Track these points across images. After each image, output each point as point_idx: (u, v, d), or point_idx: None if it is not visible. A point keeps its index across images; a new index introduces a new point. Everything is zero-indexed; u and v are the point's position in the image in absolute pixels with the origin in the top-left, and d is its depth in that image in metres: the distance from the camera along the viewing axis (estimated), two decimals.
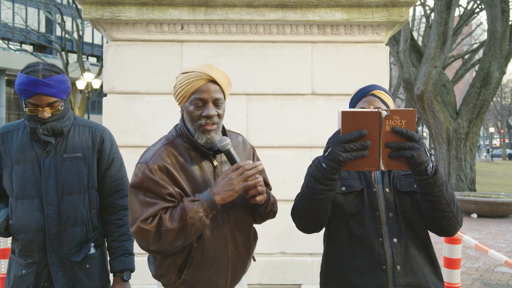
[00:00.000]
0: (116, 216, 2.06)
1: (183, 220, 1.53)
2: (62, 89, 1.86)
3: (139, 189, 1.60)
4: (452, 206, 1.57)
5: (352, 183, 1.70)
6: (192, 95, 1.63)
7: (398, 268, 1.60)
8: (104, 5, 3.36)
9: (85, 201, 1.97)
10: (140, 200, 1.58)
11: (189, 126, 1.67)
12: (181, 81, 1.65)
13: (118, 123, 3.48)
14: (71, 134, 1.97)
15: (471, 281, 5.11)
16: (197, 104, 1.63)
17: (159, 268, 1.71)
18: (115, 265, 2.04)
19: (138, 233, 1.57)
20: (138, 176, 1.61)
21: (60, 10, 21.50)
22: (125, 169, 2.16)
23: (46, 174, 1.89)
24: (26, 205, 1.89)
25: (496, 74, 11.53)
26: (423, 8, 19.91)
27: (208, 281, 1.68)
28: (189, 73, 1.64)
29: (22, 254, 1.92)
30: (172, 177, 1.61)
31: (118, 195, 2.08)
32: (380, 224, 1.64)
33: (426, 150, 1.48)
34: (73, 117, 2.02)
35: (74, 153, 1.95)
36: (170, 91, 3.53)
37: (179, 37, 3.51)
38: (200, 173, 1.67)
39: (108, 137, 2.08)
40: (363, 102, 1.77)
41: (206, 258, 1.66)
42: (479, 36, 33.33)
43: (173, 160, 1.64)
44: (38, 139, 1.90)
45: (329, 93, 3.52)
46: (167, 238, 1.55)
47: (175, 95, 1.70)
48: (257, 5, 3.38)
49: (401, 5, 3.40)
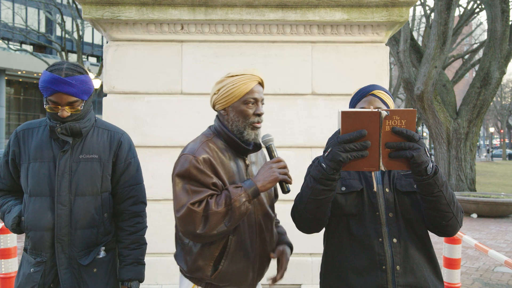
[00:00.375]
0: (128, 223, 2.03)
1: (227, 204, 1.64)
2: (84, 90, 1.86)
3: (185, 178, 1.70)
4: (452, 206, 1.57)
5: (352, 183, 1.70)
6: (246, 95, 1.78)
7: (398, 268, 1.60)
8: (104, 5, 3.36)
9: (98, 204, 1.95)
10: (185, 189, 1.68)
11: (237, 124, 1.80)
12: (234, 82, 1.78)
13: (118, 123, 3.45)
14: (90, 136, 1.96)
15: (471, 281, 5.12)
16: (250, 103, 1.78)
17: (195, 262, 1.76)
18: (123, 273, 2.00)
19: (187, 215, 1.64)
20: (184, 166, 1.71)
21: (60, 10, 21.49)
22: (141, 175, 2.12)
23: (61, 173, 1.88)
24: (38, 202, 1.88)
25: (496, 74, 11.53)
26: (423, 8, 19.91)
27: (240, 272, 1.78)
28: (241, 75, 1.79)
29: (32, 252, 1.92)
30: (214, 170, 1.73)
31: (131, 201, 2.04)
32: (380, 224, 1.63)
33: (426, 150, 1.48)
34: (94, 119, 2.01)
35: (90, 154, 1.94)
36: (170, 91, 3.53)
37: (179, 37, 3.51)
38: (236, 169, 1.82)
39: (126, 141, 2.05)
40: (363, 102, 1.77)
41: (240, 250, 1.77)
42: (479, 36, 33.33)
43: (215, 154, 1.77)
44: (57, 138, 1.90)
45: (329, 93, 3.52)
46: (213, 221, 1.63)
47: (221, 96, 1.80)
48: (257, 5, 3.38)
49: (401, 5, 3.40)
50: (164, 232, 3.50)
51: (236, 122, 1.80)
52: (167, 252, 3.52)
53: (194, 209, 1.63)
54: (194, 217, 1.64)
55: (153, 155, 3.51)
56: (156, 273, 3.49)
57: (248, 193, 1.67)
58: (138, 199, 2.06)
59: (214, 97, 1.84)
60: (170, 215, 3.52)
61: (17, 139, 1.95)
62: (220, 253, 1.76)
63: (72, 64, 1.88)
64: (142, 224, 2.08)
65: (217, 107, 1.85)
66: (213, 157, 1.74)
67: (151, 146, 3.51)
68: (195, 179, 1.68)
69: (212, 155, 1.75)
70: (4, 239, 3.52)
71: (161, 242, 3.49)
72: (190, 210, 1.63)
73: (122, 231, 2.03)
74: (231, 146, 1.82)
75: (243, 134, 1.80)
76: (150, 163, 3.49)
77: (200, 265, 1.76)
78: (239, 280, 1.80)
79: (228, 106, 1.81)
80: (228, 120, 1.82)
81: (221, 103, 1.82)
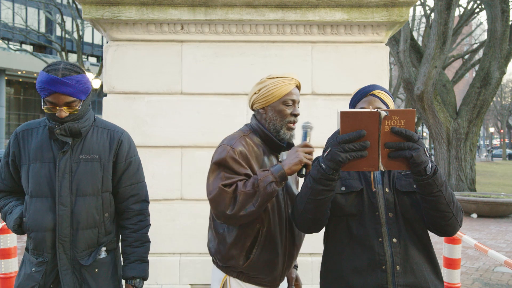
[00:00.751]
0: (131, 221, 2.03)
1: (255, 186, 1.74)
2: (81, 89, 1.85)
3: (221, 165, 1.82)
4: (451, 206, 1.57)
5: (352, 183, 1.70)
6: (285, 96, 1.91)
7: (398, 268, 1.60)
8: (104, 5, 3.36)
9: (98, 204, 1.95)
10: (219, 175, 1.80)
11: (275, 123, 1.92)
12: (275, 83, 1.92)
13: (118, 123, 3.43)
14: (89, 136, 1.96)
15: (471, 281, 5.12)
16: (288, 104, 1.92)
17: (229, 251, 1.87)
18: (127, 271, 2.00)
19: (217, 195, 1.76)
20: (222, 154, 1.83)
21: (60, 10, 21.49)
22: (142, 173, 2.12)
23: (61, 174, 1.88)
24: (39, 203, 1.88)
25: (496, 74, 11.53)
26: (423, 8, 19.90)
27: (270, 262, 1.89)
28: (281, 77, 1.93)
29: (34, 252, 1.91)
30: (248, 162, 1.85)
31: (133, 200, 2.04)
32: (379, 224, 1.63)
33: (425, 150, 1.48)
34: (93, 118, 2.00)
35: (90, 154, 1.93)
36: (170, 91, 3.53)
37: (179, 37, 3.52)
38: (269, 164, 1.94)
39: (126, 140, 2.05)
40: (363, 102, 1.77)
41: (270, 240, 1.88)
42: (479, 36, 33.32)
43: (250, 148, 1.90)
44: (57, 138, 1.89)
45: (329, 93, 3.52)
46: (241, 201, 1.73)
47: (262, 96, 1.93)
48: (257, 5, 3.38)
49: (401, 5, 3.41)
50: (164, 232, 3.51)
51: (274, 121, 1.93)
52: (167, 252, 3.52)
53: (225, 189, 1.75)
54: (225, 196, 1.75)
55: (153, 155, 3.51)
56: (156, 273, 3.49)
57: (275, 175, 1.75)
58: (140, 197, 2.07)
59: (254, 96, 1.96)
60: (170, 215, 3.54)
61: (17, 140, 1.94)
62: (251, 243, 1.86)
63: (69, 64, 1.87)
64: (145, 222, 2.08)
65: (255, 106, 1.98)
66: (248, 151, 1.87)
67: (151, 146, 3.51)
68: (230, 167, 1.80)
69: (247, 149, 1.87)
70: (4, 239, 3.52)
71: (161, 242, 3.49)
72: (220, 190, 1.75)
73: (125, 229, 2.03)
74: (266, 143, 1.95)
75: (279, 132, 1.93)
76: (150, 163, 3.49)
77: (233, 254, 1.87)
78: (268, 269, 1.89)
79: (267, 105, 1.94)
80: (266, 119, 1.95)
81: (260, 102, 1.95)
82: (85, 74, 1.89)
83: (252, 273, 1.88)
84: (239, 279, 1.89)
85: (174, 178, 3.52)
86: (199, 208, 3.52)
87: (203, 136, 3.52)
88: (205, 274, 3.52)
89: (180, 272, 3.52)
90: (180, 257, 3.53)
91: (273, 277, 1.91)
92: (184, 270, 3.52)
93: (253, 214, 1.76)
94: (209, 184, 1.83)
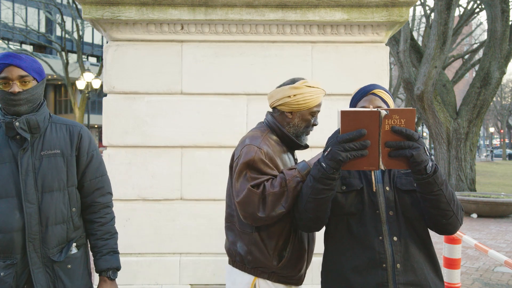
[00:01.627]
0: (98, 215, 2.03)
1: (283, 186, 1.75)
2: (35, 68, 1.86)
3: (248, 166, 1.82)
4: (452, 204, 1.57)
5: (352, 182, 1.70)
6: (315, 107, 1.98)
7: (398, 267, 1.60)
8: (104, 5, 3.36)
9: (65, 199, 1.94)
10: (246, 176, 1.82)
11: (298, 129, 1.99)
12: (311, 93, 1.94)
13: (118, 123, 3.49)
14: (48, 132, 1.94)
15: (471, 281, 5.12)
16: (314, 114, 1.99)
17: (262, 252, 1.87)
18: (101, 264, 2.00)
19: (246, 197, 1.76)
20: (250, 155, 1.84)
21: (60, 10, 21.50)
22: (104, 166, 2.12)
23: (24, 172, 1.85)
24: (5, 204, 1.84)
25: (496, 74, 11.53)
26: (423, 8, 19.91)
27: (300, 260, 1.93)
28: (317, 89, 1.96)
29: (1, 255, 1.86)
30: (274, 163, 1.87)
31: (99, 193, 2.05)
32: (380, 222, 1.64)
33: (425, 149, 1.48)
34: (48, 114, 1.99)
35: (52, 150, 1.91)
36: (170, 91, 3.53)
37: (179, 37, 3.52)
38: (289, 162, 1.99)
39: (86, 134, 2.04)
40: (363, 101, 1.77)
41: (299, 238, 1.93)
42: (479, 36, 33.33)
43: (274, 148, 1.92)
44: (14, 136, 1.87)
45: (329, 93, 3.52)
46: (270, 202, 1.74)
47: (297, 101, 1.94)
48: (257, 5, 3.38)
49: (401, 5, 3.41)
50: (164, 232, 3.51)
51: (298, 127, 1.98)
52: (167, 252, 3.52)
53: (254, 190, 1.76)
54: (254, 198, 1.75)
55: (153, 155, 3.51)
56: (156, 273, 3.49)
57: (302, 173, 1.77)
58: (105, 190, 2.07)
59: (287, 100, 1.94)
60: (170, 215, 3.54)
61: None
62: (284, 242, 1.88)
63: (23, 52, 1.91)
64: (111, 214, 2.09)
65: (282, 108, 1.97)
66: (272, 151, 1.90)
67: (151, 146, 3.51)
68: (257, 168, 1.82)
69: (272, 149, 1.90)
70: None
71: (161, 242, 3.49)
72: (249, 191, 1.76)
73: (92, 223, 2.03)
74: (283, 142, 2.00)
75: (300, 138, 2.01)
76: (150, 163, 3.49)
77: (266, 255, 1.87)
78: (298, 267, 1.94)
79: (297, 111, 1.97)
80: (289, 123, 1.98)
81: (291, 107, 1.96)
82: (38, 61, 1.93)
83: (284, 272, 1.89)
84: (271, 280, 1.89)
85: (174, 178, 3.52)
86: (199, 208, 3.52)
87: (203, 136, 3.52)
88: (205, 274, 3.52)
89: (180, 272, 3.52)
90: (180, 257, 3.53)
91: (300, 274, 1.96)
92: (184, 270, 3.52)
93: (283, 214, 1.78)
94: (236, 186, 1.83)
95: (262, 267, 1.88)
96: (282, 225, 1.85)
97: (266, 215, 1.75)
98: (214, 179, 3.50)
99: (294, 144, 2.00)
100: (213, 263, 3.52)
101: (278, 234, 1.86)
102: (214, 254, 3.50)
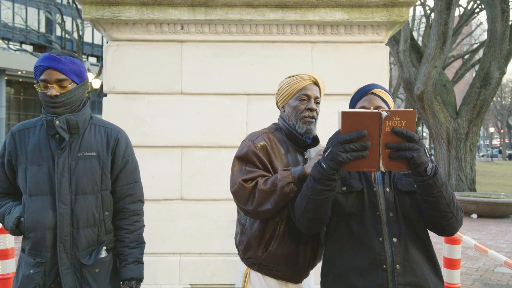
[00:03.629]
0: (128, 221, 2.01)
1: (274, 185, 1.79)
2: (73, 70, 1.85)
3: (242, 160, 1.90)
4: (452, 206, 1.57)
5: (353, 183, 1.70)
6: (299, 92, 1.98)
7: (398, 268, 1.60)
8: (104, 5, 3.36)
9: (98, 202, 1.93)
10: (241, 169, 1.89)
11: (291, 119, 1.99)
12: (289, 82, 2.01)
13: (118, 123, 3.44)
14: (87, 133, 1.94)
15: (471, 281, 5.11)
16: (302, 99, 1.97)
17: (249, 242, 1.93)
18: (125, 272, 1.98)
19: (238, 189, 1.85)
20: (243, 149, 1.92)
21: (60, 10, 21.48)
22: (139, 173, 2.11)
23: (60, 172, 1.86)
24: (39, 202, 1.86)
25: (496, 74, 11.53)
26: (423, 8, 19.91)
27: (289, 256, 1.92)
28: (297, 75, 2.01)
29: (31, 252, 1.89)
30: (269, 157, 1.92)
31: (129, 199, 2.03)
32: (380, 224, 1.63)
33: (426, 150, 1.48)
34: (89, 115, 1.99)
35: (89, 152, 1.91)
36: (170, 91, 3.53)
37: (179, 37, 3.51)
38: (293, 161, 1.97)
39: (123, 138, 2.03)
40: (363, 101, 1.77)
41: (289, 235, 1.91)
42: (479, 36, 33.33)
43: (272, 144, 1.96)
44: (54, 135, 1.88)
45: (329, 93, 3.52)
46: (259, 199, 1.80)
47: (280, 95, 2.04)
48: (257, 5, 3.38)
49: (401, 5, 3.40)
50: (164, 232, 3.50)
51: (290, 116, 2.00)
52: (167, 252, 3.52)
53: (245, 185, 1.83)
54: (244, 192, 1.83)
55: (153, 155, 3.51)
56: (156, 273, 3.49)
57: (294, 176, 1.79)
58: (136, 197, 2.05)
59: (276, 97, 2.08)
60: (170, 215, 3.54)
61: (13, 140, 1.93)
62: (270, 236, 1.91)
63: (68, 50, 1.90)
64: (141, 222, 2.07)
65: (279, 105, 2.08)
66: (270, 146, 1.94)
67: (151, 146, 3.51)
68: (251, 161, 1.89)
69: (269, 144, 1.94)
70: (3, 239, 3.51)
71: (161, 242, 3.49)
72: (241, 185, 1.83)
73: (121, 229, 2.02)
74: (290, 140, 2.01)
75: (295, 127, 1.98)
76: (150, 163, 3.49)
77: (253, 245, 1.92)
78: (288, 263, 1.93)
79: (285, 103, 2.03)
80: (285, 116, 2.03)
81: (280, 102, 2.05)
82: (81, 61, 1.90)
83: (271, 265, 1.92)
84: (260, 272, 1.94)
85: (174, 178, 3.52)
86: (199, 208, 3.52)
87: (203, 136, 3.52)
88: (205, 274, 3.52)
89: (180, 272, 3.51)
90: (180, 257, 3.53)
91: (294, 272, 1.96)
92: (184, 270, 3.51)
93: (270, 212, 1.82)
94: (231, 178, 1.91)
95: (251, 257, 1.94)
96: (272, 220, 1.90)
97: (253, 209, 1.82)
98: (214, 179, 3.50)
99: (298, 139, 2.00)
100: (213, 263, 3.51)
101: (266, 229, 1.91)
102: (214, 254, 3.50)
